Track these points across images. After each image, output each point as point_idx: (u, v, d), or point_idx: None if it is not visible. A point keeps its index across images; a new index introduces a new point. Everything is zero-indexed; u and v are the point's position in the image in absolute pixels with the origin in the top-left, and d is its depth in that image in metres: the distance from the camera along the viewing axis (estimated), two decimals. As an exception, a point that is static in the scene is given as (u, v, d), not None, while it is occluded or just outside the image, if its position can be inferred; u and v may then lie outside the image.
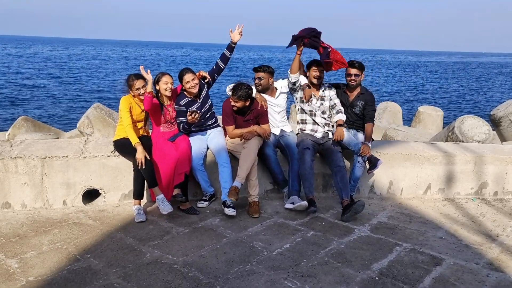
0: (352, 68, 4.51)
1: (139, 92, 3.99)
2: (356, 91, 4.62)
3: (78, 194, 4.16)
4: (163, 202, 3.90)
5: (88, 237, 3.53)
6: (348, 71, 4.53)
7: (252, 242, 3.53)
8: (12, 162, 3.96)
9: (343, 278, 3.01)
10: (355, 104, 4.60)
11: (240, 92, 4.13)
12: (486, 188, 4.92)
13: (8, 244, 3.37)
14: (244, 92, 4.15)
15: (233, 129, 4.36)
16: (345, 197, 4.13)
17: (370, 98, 4.60)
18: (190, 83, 4.16)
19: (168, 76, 4.11)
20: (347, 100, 4.63)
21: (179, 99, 4.26)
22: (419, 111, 10.49)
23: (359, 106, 4.58)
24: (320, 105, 4.54)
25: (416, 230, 3.92)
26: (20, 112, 18.57)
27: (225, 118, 4.36)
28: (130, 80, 4.01)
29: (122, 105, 3.98)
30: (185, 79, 4.16)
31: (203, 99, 4.34)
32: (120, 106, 4.01)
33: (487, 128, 6.47)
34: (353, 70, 4.51)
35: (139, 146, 3.85)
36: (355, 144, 4.39)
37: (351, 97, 4.63)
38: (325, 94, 4.58)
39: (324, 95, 4.57)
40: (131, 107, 4.01)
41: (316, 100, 4.53)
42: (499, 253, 3.52)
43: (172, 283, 2.87)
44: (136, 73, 4.08)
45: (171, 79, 4.11)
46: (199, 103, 4.31)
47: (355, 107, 4.60)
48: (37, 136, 7.30)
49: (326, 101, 4.57)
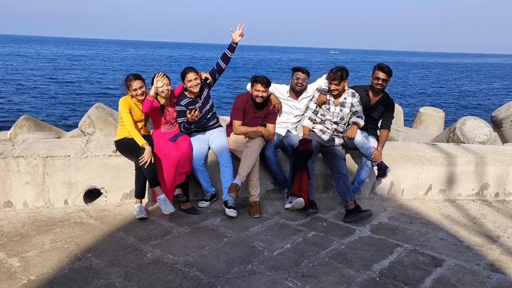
0: (382, 72, 4.42)
1: (136, 93, 3.98)
2: (379, 96, 4.54)
3: (80, 194, 4.17)
4: (165, 203, 3.90)
5: (90, 236, 3.54)
6: (376, 74, 4.43)
7: (253, 242, 3.54)
8: (14, 161, 3.97)
9: (344, 279, 3.01)
10: (376, 109, 4.53)
11: (264, 79, 4.20)
12: (487, 190, 4.92)
13: (9, 243, 3.38)
14: (266, 78, 4.24)
15: (239, 125, 4.39)
16: (349, 200, 4.12)
17: (391, 105, 4.55)
18: (192, 82, 4.16)
19: (165, 78, 4.04)
20: (368, 103, 4.54)
21: (180, 99, 4.27)
22: (420, 112, 10.49)
23: (379, 111, 4.53)
24: (339, 111, 4.46)
25: (417, 231, 3.92)
26: (22, 111, 18.60)
27: (235, 112, 4.39)
28: (128, 80, 3.99)
29: (122, 106, 3.97)
30: (187, 77, 4.17)
31: (204, 100, 4.35)
32: (119, 107, 4.00)
33: (489, 129, 6.47)
34: (381, 74, 4.41)
35: (147, 147, 3.86)
36: (367, 147, 4.33)
37: (373, 101, 4.55)
38: (346, 101, 4.45)
39: (345, 102, 4.45)
40: (130, 108, 4.01)
41: (335, 106, 4.45)
42: (500, 254, 3.52)
43: (173, 283, 2.88)
44: (134, 73, 4.07)
45: (168, 81, 4.04)
46: (200, 104, 4.31)
47: (375, 112, 4.54)
48: (39, 136, 7.32)
49: (347, 108, 4.46)
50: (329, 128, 4.49)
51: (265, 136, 4.31)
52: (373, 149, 4.33)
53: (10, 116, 18.03)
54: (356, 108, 4.47)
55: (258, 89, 4.24)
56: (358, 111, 4.46)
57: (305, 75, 4.46)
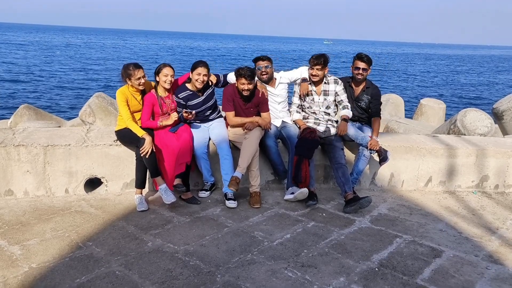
0: (360, 61, 4.43)
1: (139, 82, 3.96)
2: (361, 85, 4.56)
3: (80, 183, 4.18)
4: (166, 192, 3.91)
5: (90, 225, 3.56)
6: (356, 64, 4.46)
7: (253, 232, 3.55)
8: (15, 150, 3.97)
9: (343, 269, 3.03)
10: (361, 99, 4.55)
11: (248, 72, 4.11)
12: (487, 181, 4.93)
13: (11, 231, 3.40)
14: (250, 71, 4.14)
15: (233, 116, 4.36)
16: (348, 190, 4.13)
17: (376, 92, 4.55)
18: (200, 76, 4.12)
19: (169, 68, 4.06)
20: (353, 94, 4.57)
21: (179, 90, 4.24)
22: (422, 104, 10.46)
23: (365, 100, 4.54)
24: (323, 100, 4.46)
25: (417, 222, 3.93)
26: (22, 100, 18.57)
27: (226, 103, 4.35)
28: (129, 69, 3.93)
29: (119, 98, 3.96)
30: (197, 70, 4.13)
31: (207, 96, 4.34)
32: (117, 99, 3.99)
33: (489, 121, 6.45)
34: (361, 64, 4.43)
35: (147, 137, 3.86)
36: (362, 137, 4.34)
37: (357, 91, 4.57)
38: (329, 88, 4.46)
39: (328, 89, 4.46)
40: (127, 99, 3.99)
41: (318, 96, 4.47)
42: (498, 245, 3.53)
43: (173, 272, 2.89)
44: (135, 62, 4.05)
45: (172, 71, 4.06)
46: (201, 99, 4.30)
47: (361, 101, 4.55)
48: (39, 124, 7.30)
49: (331, 95, 4.46)
50: (321, 120, 4.50)
51: (262, 125, 4.30)
52: (369, 137, 4.34)
53: (11, 104, 18.01)
54: (341, 97, 4.47)
55: (243, 82, 4.16)
56: (343, 99, 4.46)
57: (266, 62, 4.42)
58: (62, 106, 18.96)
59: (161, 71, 4.04)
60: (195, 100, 4.26)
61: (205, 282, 2.79)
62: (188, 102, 4.23)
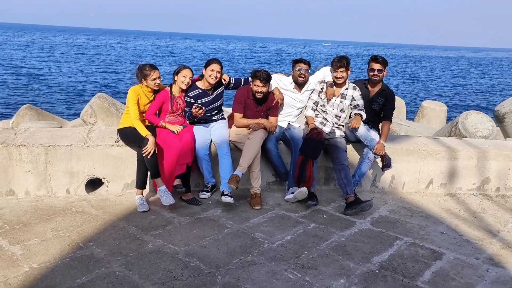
0: (376, 63, 4.45)
1: (154, 83, 4.02)
2: (377, 87, 4.55)
3: (81, 183, 4.19)
4: (165, 194, 3.92)
5: (91, 225, 3.56)
6: (371, 65, 4.47)
7: (254, 233, 3.55)
8: (16, 150, 3.98)
9: (343, 271, 3.03)
10: (375, 101, 4.54)
11: (264, 74, 4.16)
12: (488, 184, 4.92)
13: (12, 231, 3.40)
14: (266, 74, 4.18)
15: (240, 117, 4.39)
16: (350, 192, 4.13)
17: (390, 96, 4.55)
18: (214, 72, 4.18)
19: (189, 70, 4.16)
20: (368, 96, 4.56)
21: (190, 90, 4.28)
22: (423, 106, 10.45)
23: (379, 103, 4.53)
24: (339, 103, 4.47)
25: (417, 224, 3.93)
26: (24, 100, 18.61)
27: (236, 104, 4.38)
28: (146, 69, 4.00)
29: (130, 96, 3.99)
30: (211, 66, 4.19)
31: (216, 96, 4.37)
32: (128, 96, 4.02)
33: (491, 124, 6.45)
34: (376, 65, 4.45)
35: (151, 137, 3.87)
36: (370, 139, 4.33)
37: (372, 92, 4.57)
38: (347, 93, 4.47)
39: (346, 93, 4.47)
40: (139, 98, 4.02)
41: (335, 97, 4.47)
42: (499, 248, 3.53)
43: (174, 272, 2.90)
44: (151, 63, 4.10)
45: (191, 74, 4.15)
46: (210, 98, 4.32)
47: (375, 104, 4.55)
48: (41, 125, 7.32)
49: (347, 100, 4.47)
50: (329, 121, 4.50)
51: (267, 128, 4.31)
52: (376, 141, 4.33)
53: (12, 104, 18.05)
54: (358, 102, 4.47)
55: (258, 84, 4.20)
56: (360, 104, 4.46)
57: (306, 66, 4.45)
58: (63, 106, 19.00)
59: (181, 72, 4.14)
60: (204, 99, 4.29)
61: (205, 283, 2.79)
62: (198, 100, 4.25)
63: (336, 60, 4.35)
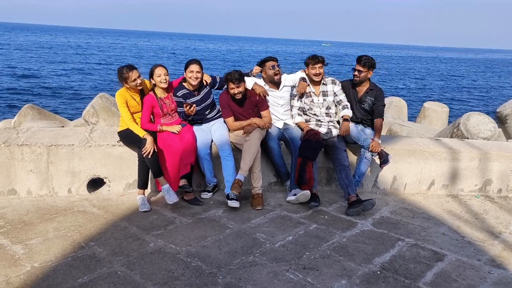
0: (358, 64, 4.52)
1: (135, 83, 3.97)
2: (364, 87, 4.59)
3: (83, 183, 4.19)
4: (169, 192, 3.92)
5: (93, 225, 3.56)
6: (355, 66, 4.54)
7: (255, 234, 3.55)
8: (18, 149, 3.99)
9: (345, 272, 3.02)
10: (364, 100, 4.57)
11: (235, 75, 4.13)
12: (490, 185, 4.91)
13: (13, 230, 3.41)
14: (238, 74, 4.16)
15: (233, 121, 4.37)
16: (351, 192, 4.13)
17: (379, 94, 4.58)
18: (193, 73, 4.16)
19: (161, 67, 4.09)
20: (356, 96, 4.59)
21: (177, 90, 4.27)
22: (425, 107, 10.44)
23: (368, 102, 4.55)
24: (323, 101, 4.50)
25: (419, 225, 3.92)
26: (26, 100, 18.65)
27: (223, 110, 4.38)
28: (123, 72, 3.94)
29: (118, 101, 3.98)
30: (190, 68, 4.18)
31: (204, 95, 4.34)
32: (116, 101, 4.01)
33: (493, 125, 6.44)
34: (357, 66, 4.52)
35: (148, 137, 3.87)
36: (364, 139, 4.35)
37: (360, 92, 4.60)
38: (327, 89, 4.51)
39: (326, 90, 4.51)
40: (127, 101, 4.01)
41: (317, 97, 4.50)
42: (501, 250, 3.52)
43: (175, 272, 2.90)
44: (128, 64, 4.05)
45: (165, 70, 4.08)
46: (198, 97, 4.31)
47: (364, 103, 4.57)
48: (43, 124, 7.34)
49: (330, 96, 4.51)
50: (323, 121, 4.51)
51: (260, 126, 4.30)
52: (370, 139, 4.34)
53: (15, 104, 18.09)
54: (340, 97, 4.53)
55: (232, 87, 4.19)
56: (342, 99, 4.52)
57: (276, 62, 4.48)
58: (65, 106, 19.03)
59: (154, 72, 4.07)
60: (192, 99, 4.28)
61: (206, 283, 2.79)
62: (186, 100, 4.25)
63: (311, 58, 4.41)
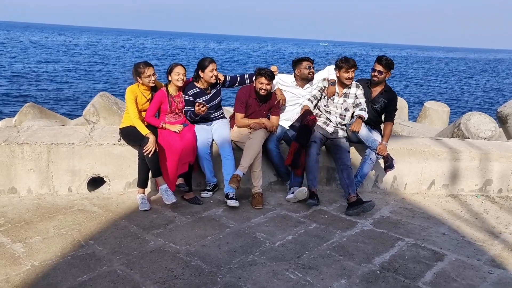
0: (378, 64, 4.46)
1: (149, 80, 4.01)
2: (379, 88, 4.55)
3: (83, 181, 4.19)
4: (167, 192, 3.92)
5: (93, 224, 3.57)
6: (374, 66, 4.49)
7: (255, 233, 3.55)
8: (19, 148, 3.99)
9: (345, 271, 3.02)
10: (377, 101, 4.53)
11: (269, 72, 4.21)
12: (491, 185, 4.91)
13: (14, 228, 3.41)
14: (270, 72, 4.24)
15: (242, 117, 4.39)
16: (352, 193, 4.13)
17: (393, 97, 4.54)
18: (214, 72, 4.19)
19: (181, 67, 4.13)
20: (370, 96, 4.56)
21: (188, 88, 4.28)
22: (425, 107, 10.43)
23: (381, 103, 4.53)
24: (343, 102, 4.46)
25: (419, 225, 3.92)
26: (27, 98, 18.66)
27: (238, 104, 4.39)
28: (140, 67, 3.99)
29: (128, 96, 3.99)
30: (210, 67, 4.18)
31: (213, 94, 4.36)
32: (126, 96, 4.02)
33: (494, 125, 6.43)
34: (378, 67, 4.45)
35: (151, 136, 3.88)
36: (372, 140, 4.32)
37: (374, 93, 4.56)
38: (349, 91, 4.46)
39: (349, 92, 4.46)
40: (136, 97, 4.02)
41: (338, 97, 4.46)
42: (501, 250, 3.52)
43: (175, 271, 2.90)
44: (146, 61, 4.09)
45: (184, 70, 4.13)
46: (208, 97, 4.32)
47: (376, 104, 4.54)
48: (44, 123, 7.34)
49: (350, 98, 4.46)
50: (333, 121, 4.49)
51: (268, 127, 4.31)
52: (378, 142, 4.32)
53: (15, 103, 18.10)
54: (360, 100, 4.46)
55: (262, 81, 4.23)
56: (362, 103, 4.45)
57: (312, 63, 4.53)
58: (66, 105, 19.03)
59: (173, 70, 4.10)
60: (202, 98, 4.28)
61: (206, 282, 2.80)
62: (196, 99, 4.25)
63: (345, 61, 4.33)
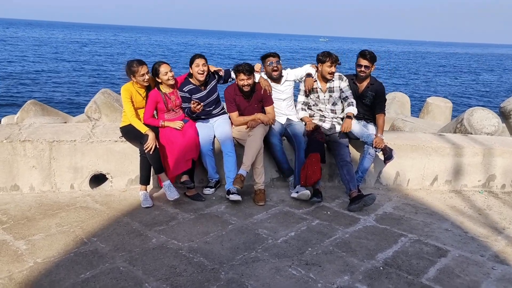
0: (363, 59, 4.43)
1: (143, 79, 3.97)
2: (365, 82, 4.55)
3: (86, 178, 4.19)
4: (170, 189, 3.92)
5: (95, 221, 3.57)
6: (359, 61, 4.46)
7: (257, 229, 3.55)
8: (21, 145, 3.99)
9: (348, 267, 3.02)
10: (365, 95, 4.53)
11: (246, 67, 4.15)
12: (494, 181, 4.89)
13: (16, 226, 3.42)
14: (248, 66, 4.17)
15: (237, 116, 4.37)
16: (353, 188, 4.12)
17: (380, 89, 4.53)
18: (199, 67, 4.14)
19: (165, 65, 4.08)
20: (357, 91, 4.55)
21: (183, 85, 4.26)
22: (428, 102, 10.39)
23: (369, 97, 4.52)
24: (329, 97, 4.47)
25: (422, 221, 3.91)
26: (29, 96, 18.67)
27: (228, 104, 4.38)
28: (133, 66, 3.95)
29: (123, 95, 3.97)
30: (196, 62, 4.15)
31: (210, 90, 4.34)
32: (121, 95, 4.00)
33: (497, 120, 6.40)
34: (363, 61, 4.42)
35: (150, 133, 3.87)
36: (367, 135, 4.32)
37: (361, 88, 4.56)
38: (333, 85, 4.46)
39: (333, 86, 4.46)
40: (132, 96, 4.00)
41: (323, 93, 4.47)
42: (504, 245, 3.51)
43: (178, 268, 2.90)
44: (138, 59, 4.05)
45: (169, 67, 4.07)
46: (204, 93, 4.29)
47: (365, 98, 4.53)
48: (45, 120, 7.35)
49: (336, 92, 4.45)
50: (327, 117, 4.48)
51: (264, 121, 4.29)
52: (374, 136, 4.32)
53: (17, 100, 18.12)
54: (346, 93, 4.45)
55: (242, 78, 4.19)
56: (348, 96, 4.45)
57: (276, 58, 4.43)
58: (68, 102, 19.05)
59: (159, 71, 4.04)
60: (198, 94, 4.26)
61: (209, 279, 2.79)
62: (192, 96, 4.23)
63: (327, 55, 4.33)
